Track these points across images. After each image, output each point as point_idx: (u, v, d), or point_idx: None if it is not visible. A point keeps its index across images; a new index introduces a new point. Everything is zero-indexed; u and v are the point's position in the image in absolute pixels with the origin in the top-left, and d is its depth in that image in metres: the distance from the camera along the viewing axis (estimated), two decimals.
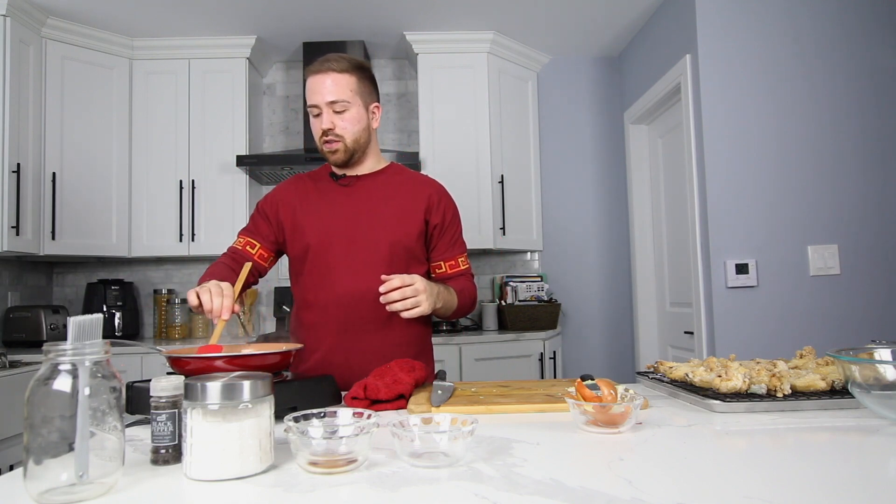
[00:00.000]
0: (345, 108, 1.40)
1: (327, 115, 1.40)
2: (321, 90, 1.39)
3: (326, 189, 1.50)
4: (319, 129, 1.42)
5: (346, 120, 1.41)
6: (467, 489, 0.63)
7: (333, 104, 1.39)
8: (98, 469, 0.64)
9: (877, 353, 0.99)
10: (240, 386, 0.70)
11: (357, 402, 1.09)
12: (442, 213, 1.52)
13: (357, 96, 1.42)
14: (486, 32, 3.19)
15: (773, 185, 2.48)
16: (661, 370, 1.27)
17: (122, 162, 3.11)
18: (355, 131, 1.43)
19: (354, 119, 1.42)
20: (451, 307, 1.46)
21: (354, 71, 1.42)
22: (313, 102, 1.41)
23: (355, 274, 1.43)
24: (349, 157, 1.45)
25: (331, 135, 1.41)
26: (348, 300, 1.42)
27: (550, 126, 3.55)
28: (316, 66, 1.41)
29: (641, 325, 3.38)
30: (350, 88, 1.41)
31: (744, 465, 0.71)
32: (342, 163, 1.46)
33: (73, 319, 0.65)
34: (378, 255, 1.43)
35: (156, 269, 3.45)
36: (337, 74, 1.40)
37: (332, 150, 1.43)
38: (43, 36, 2.89)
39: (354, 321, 1.43)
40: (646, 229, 3.38)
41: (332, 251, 1.44)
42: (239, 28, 3.12)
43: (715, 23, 2.54)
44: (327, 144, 1.42)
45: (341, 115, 1.41)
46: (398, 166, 1.58)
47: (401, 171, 1.56)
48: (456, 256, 1.55)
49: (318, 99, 1.40)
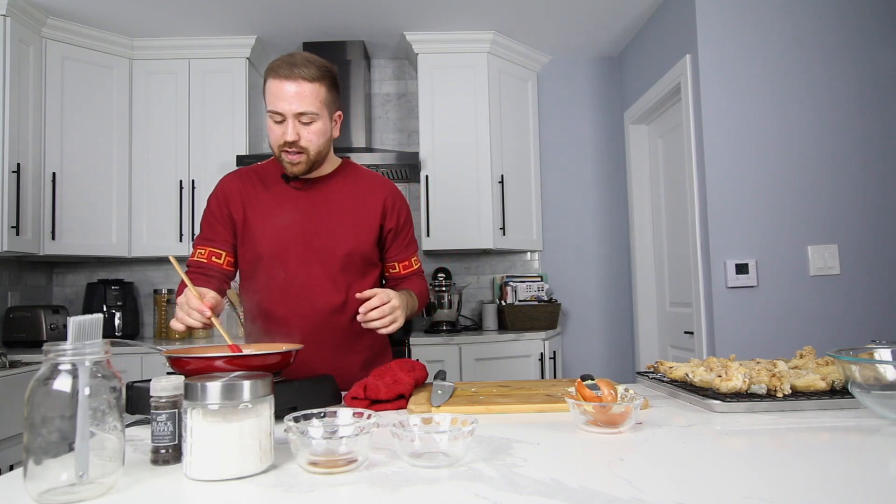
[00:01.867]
0: (312, 120, 1.32)
1: (293, 125, 1.30)
2: (288, 99, 1.29)
3: (278, 191, 1.42)
4: (281, 138, 1.32)
5: (313, 132, 1.32)
6: (467, 489, 0.63)
7: (301, 116, 1.30)
8: (98, 469, 0.64)
9: (877, 353, 0.99)
10: (240, 386, 0.70)
11: (357, 402, 1.09)
12: (396, 217, 1.49)
13: (324, 107, 1.33)
14: (486, 32, 3.19)
15: (773, 185, 2.48)
16: (661, 370, 1.27)
17: (122, 162, 3.11)
18: (320, 143, 1.35)
19: (321, 131, 1.34)
20: (413, 311, 1.48)
21: (324, 79, 1.32)
22: (278, 109, 1.30)
23: (314, 286, 1.39)
24: (310, 168, 1.37)
25: (295, 147, 1.32)
26: (310, 313, 1.39)
27: (550, 126, 3.55)
28: (284, 71, 1.29)
29: (641, 325, 3.38)
30: (319, 99, 1.31)
31: (744, 465, 0.71)
32: (302, 174, 1.38)
33: (73, 319, 0.65)
34: (335, 265, 1.40)
35: (156, 269, 3.45)
36: (308, 84, 1.29)
37: (293, 163, 1.34)
38: (43, 36, 2.89)
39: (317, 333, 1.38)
40: (646, 229, 3.38)
41: (288, 261, 1.39)
42: (239, 28, 3.12)
43: (715, 23, 2.54)
44: (289, 156, 1.33)
45: (308, 127, 1.32)
46: (351, 165, 1.51)
47: (354, 172, 1.50)
48: (409, 257, 1.55)
49: (284, 107, 1.29)
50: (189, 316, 1.15)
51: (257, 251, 1.40)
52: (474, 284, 3.51)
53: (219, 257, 1.42)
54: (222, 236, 1.43)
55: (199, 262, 1.41)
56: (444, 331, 3.09)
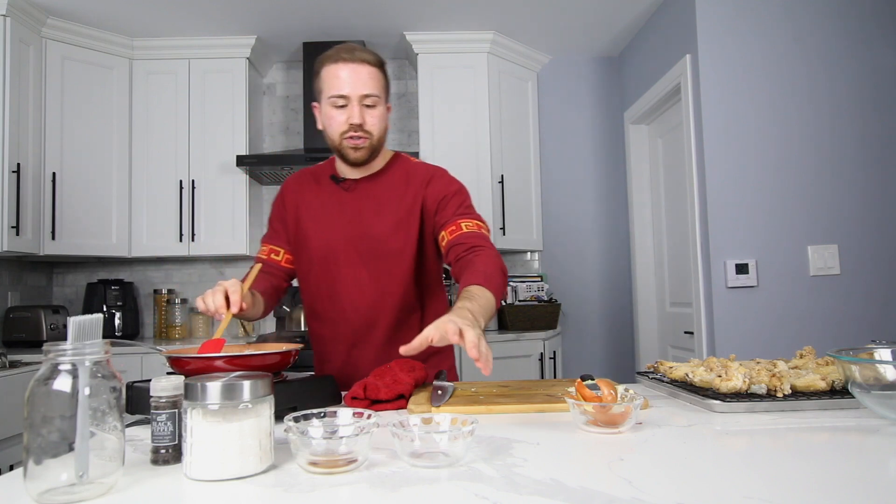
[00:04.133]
0: (375, 104, 1.31)
1: (358, 108, 1.28)
2: (354, 81, 1.27)
3: (328, 192, 1.42)
4: (345, 123, 1.29)
5: (375, 116, 1.32)
6: (467, 489, 0.63)
7: (366, 98, 1.29)
8: (98, 469, 0.63)
9: (877, 353, 0.99)
10: (240, 386, 0.70)
11: (357, 402, 1.09)
12: (436, 197, 1.38)
13: (384, 92, 1.34)
14: (486, 32, 3.19)
15: (773, 185, 2.48)
16: (661, 370, 1.27)
17: (122, 162, 3.11)
18: (381, 129, 1.34)
19: (382, 116, 1.34)
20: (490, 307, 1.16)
21: (382, 67, 1.34)
22: (342, 93, 1.27)
23: (361, 288, 1.38)
24: (371, 155, 1.35)
25: (360, 130, 1.30)
26: (357, 316, 1.39)
27: (550, 126, 3.55)
28: (345, 55, 1.29)
29: (641, 325, 3.38)
30: (381, 84, 1.32)
31: (744, 465, 0.71)
32: (364, 161, 1.35)
33: (73, 319, 0.65)
34: (382, 267, 1.37)
35: (156, 269, 3.45)
36: (371, 67, 1.30)
37: (357, 147, 1.32)
38: (43, 36, 2.89)
39: (364, 336, 1.39)
40: (646, 229, 3.38)
41: (336, 263, 1.39)
42: (239, 28, 3.12)
43: (715, 23, 2.54)
44: (353, 140, 1.31)
45: (371, 111, 1.31)
46: (400, 159, 1.47)
47: (402, 167, 1.44)
48: (456, 220, 1.34)
49: (348, 90, 1.27)
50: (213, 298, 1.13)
51: (308, 253, 1.41)
52: None
53: (277, 254, 1.46)
54: (282, 236, 1.47)
55: (259, 258, 1.46)
56: None
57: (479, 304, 1.11)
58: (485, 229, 1.36)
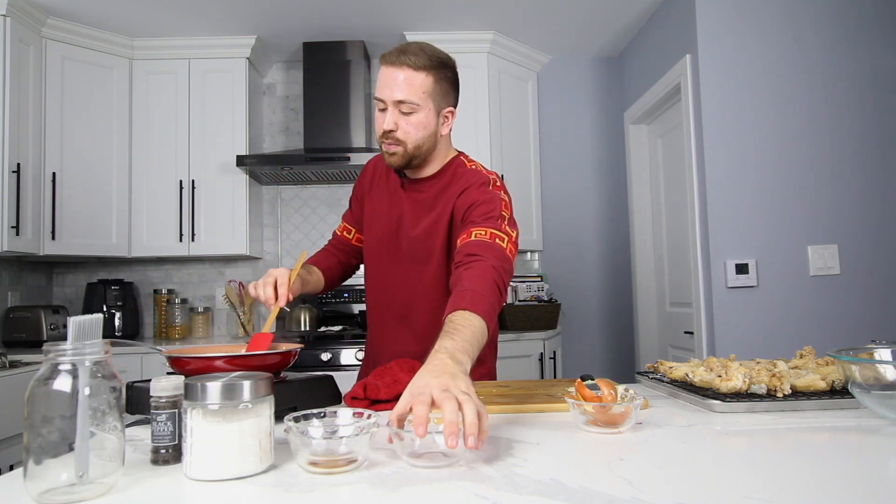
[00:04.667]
0: (412, 111, 1.26)
1: (392, 114, 1.26)
2: (391, 85, 1.25)
3: (392, 187, 1.43)
4: (381, 127, 1.28)
5: (412, 124, 1.27)
6: (467, 489, 0.63)
7: (401, 104, 1.25)
8: (98, 469, 0.64)
9: (877, 353, 0.99)
10: (240, 386, 0.70)
11: (357, 402, 1.09)
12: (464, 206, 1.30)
13: (429, 99, 1.27)
14: (486, 32, 3.19)
15: (773, 185, 2.48)
16: (661, 370, 1.27)
17: (122, 162, 3.11)
18: (419, 137, 1.28)
19: (421, 124, 1.27)
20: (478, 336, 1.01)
21: (433, 70, 1.26)
22: (380, 96, 1.27)
23: (398, 284, 1.41)
24: (406, 162, 1.31)
25: (391, 137, 1.28)
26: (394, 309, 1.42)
27: (550, 126, 3.55)
28: (392, 57, 1.25)
29: (641, 325, 3.38)
30: (423, 90, 1.25)
31: (744, 465, 0.71)
32: (398, 167, 1.33)
33: (73, 319, 0.65)
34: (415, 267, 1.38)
35: (156, 269, 3.45)
36: (412, 71, 1.24)
37: (389, 153, 1.31)
38: (43, 36, 2.89)
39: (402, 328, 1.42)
40: (646, 229, 3.38)
41: (381, 257, 1.43)
42: (239, 28, 3.12)
43: (715, 23, 2.54)
44: (386, 145, 1.30)
45: (406, 118, 1.26)
46: (455, 164, 1.39)
47: (454, 172, 1.38)
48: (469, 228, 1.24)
49: (385, 94, 1.26)
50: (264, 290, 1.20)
51: (365, 241, 1.48)
52: None
53: (349, 233, 1.55)
54: (355, 214, 1.54)
55: (335, 232, 1.58)
56: None
57: (463, 338, 0.96)
58: (501, 238, 1.21)
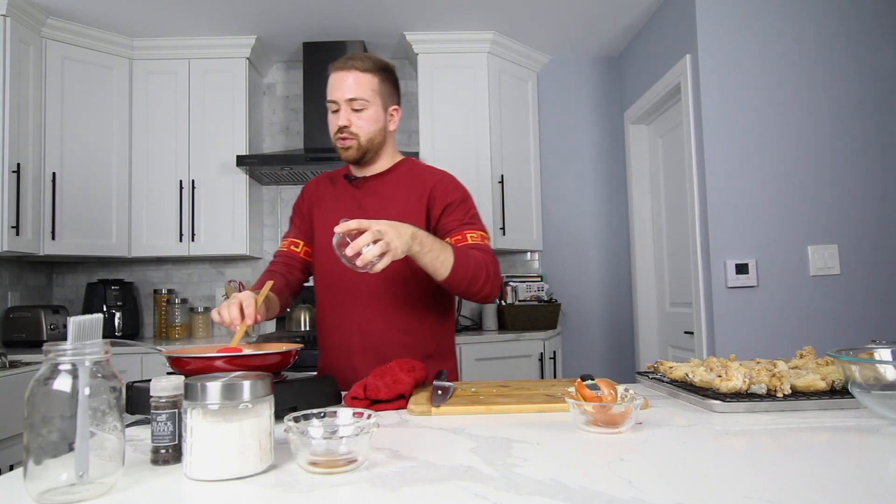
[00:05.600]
0: (363, 107, 1.41)
1: (345, 111, 1.41)
2: (342, 87, 1.40)
3: (341, 191, 1.53)
4: (335, 125, 1.42)
5: (364, 118, 1.42)
6: (467, 489, 0.63)
7: (352, 101, 1.40)
8: (98, 469, 0.64)
9: (877, 353, 0.99)
10: (240, 386, 0.70)
11: (357, 402, 1.09)
12: (443, 200, 1.45)
13: (377, 96, 1.43)
14: (486, 32, 3.19)
15: (773, 185, 2.48)
16: (661, 370, 1.27)
17: (122, 162, 3.11)
18: (370, 131, 1.43)
19: (371, 118, 1.43)
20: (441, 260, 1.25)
21: (378, 72, 1.43)
22: (332, 98, 1.42)
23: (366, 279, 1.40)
24: (361, 155, 1.45)
25: (345, 132, 1.42)
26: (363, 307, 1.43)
27: (550, 126, 3.55)
28: (340, 63, 1.42)
29: (641, 325, 3.38)
30: (371, 88, 1.42)
31: (744, 465, 0.71)
32: (354, 160, 1.46)
33: (73, 319, 0.65)
34: None
35: (156, 269, 3.45)
36: (359, 73, 1.41)
37: (344, 147, 1.43)
38: (43, 36, 2.89)
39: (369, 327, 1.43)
40: (646, 229, 3.38)
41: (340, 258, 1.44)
42: (239, 28, 3.12)
43: (715, 23, 2.54)
44: (341, 141, 1.43)
45: (359, 114, 1.42)
46: (410, 162, 1.55)
47: (410, 168, 1.53)
48: (463, 231, 1.41)
49: (337, 95, 1.41)
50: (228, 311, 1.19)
51: (321, 245, 1.50)
52: None
53: (297, 246, 1.57)
54: (302, 228, 1.58)
55: (280, 251, 1.58)
56: None
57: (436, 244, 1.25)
58: (487, 239, 1.45)
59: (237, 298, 1.21)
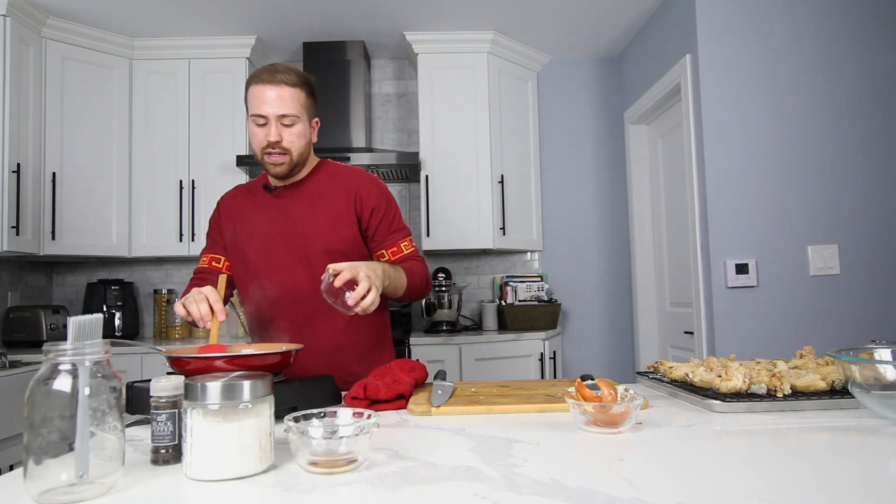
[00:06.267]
0: (293, 123, 1.39)
1: (275, 127, 1.37)
2: (271, 102, 1.36)
3: (261, 202, 1.50)
4: (264, 140, 1.38)
5: (294, 133, 1.39)
6: (467, 489, 0.63)
7: (283, 118, 1.37)
8: (98, 469, 0.64)
9: (877, 353, 0.99)
10: (240, 386, 0.70)
11: (357, 402, 1.09)
12: (371, 203, 1.46)
13: (304, 111, 1.41)
14: (486, 32, 3.19)
15: (773, 185, 2.48)
16: (661, 370, 1.27)
17: (122, 162, 3.11)
18: (301, 145, 1.41)
19: (301, 133, 1.41)
20: (399, 285, 1.40)
21: (304, 86, 1.41)
22: (261, 112, 1.36)
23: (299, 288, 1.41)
24: (291, 169, 1.42)
25: (278, 147, 1.38)
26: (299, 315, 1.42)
27: (550, 126, 3.55)
28: (266, 77, 1.37)
29: (641, 325, 3.38)
30: (300, 103, 1.40)
31: (744, 465, 0.71)
32: (284, 175, 1.43)
33: (73, 319, 0.65)
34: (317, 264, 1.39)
35: (156, 269, 3.45)
36: (289, 88, 1.38)
37: (276, 164, 1.40)
38: (43, 36, 2.89)
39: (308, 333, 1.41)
40: (646, 229, 3.38)
41: (273, 266, 1.44)
42: (239, 28, 3.12)
43: (715, 23, 2.54)
44: (271, 157, 1.39)
45: (289, 129, 1.39)
46: (328, 164, 1.54)
47: (330, 170, 1.52)
48: (397, 242, 1.47)
49: (267, 110, 1.36)
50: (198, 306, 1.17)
51: (247, 261, 1.47)
52: (474, 284, 3.51)
53: (218, 262, 1.53)
54: (220, 244, 1.54)
55: (201, 268, 1.53)
56: (444, 331, 3.09)
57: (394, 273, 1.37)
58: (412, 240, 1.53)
59: (202, 293, 1.19)
